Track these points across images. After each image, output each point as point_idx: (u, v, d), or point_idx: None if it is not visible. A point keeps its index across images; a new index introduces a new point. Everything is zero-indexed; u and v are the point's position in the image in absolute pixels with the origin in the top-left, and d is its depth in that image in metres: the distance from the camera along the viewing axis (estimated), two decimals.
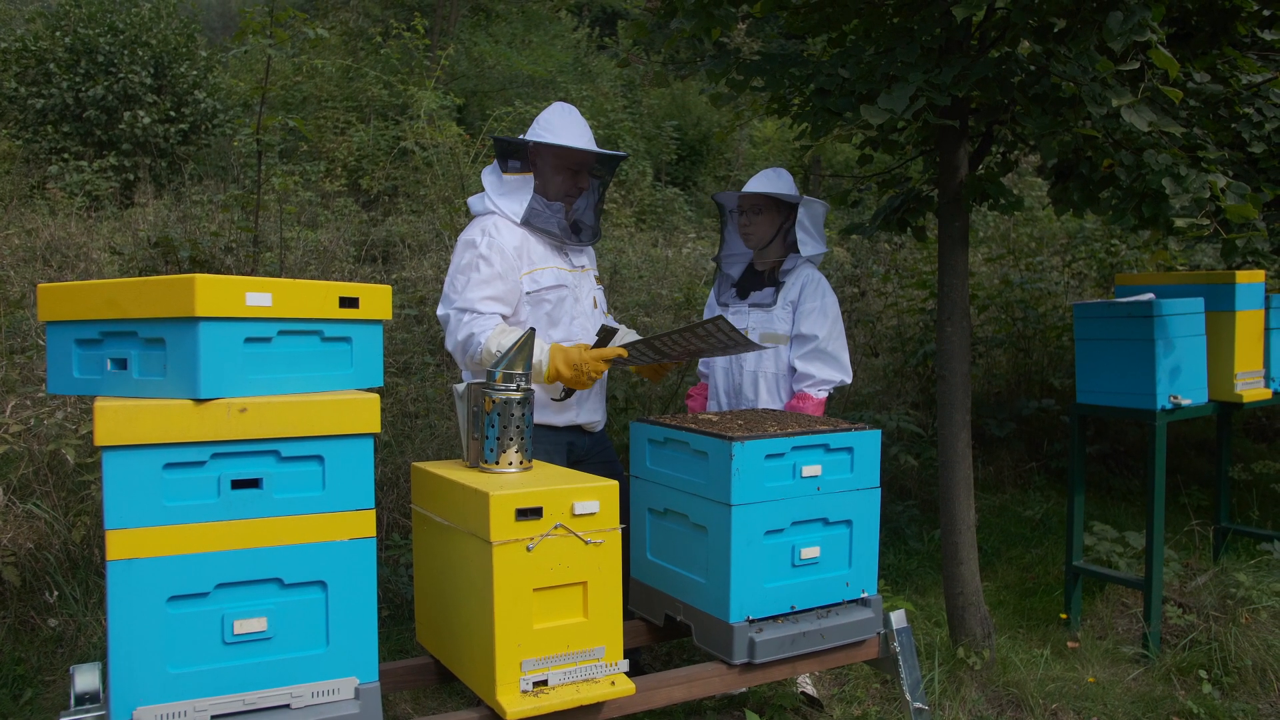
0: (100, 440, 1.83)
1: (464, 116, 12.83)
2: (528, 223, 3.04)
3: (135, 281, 1.97)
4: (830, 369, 3.40)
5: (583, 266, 3.22)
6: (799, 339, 3.42)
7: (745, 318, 3.49)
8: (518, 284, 2.99)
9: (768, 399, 3.45)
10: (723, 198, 3.69)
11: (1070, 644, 3.89)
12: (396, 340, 5.79)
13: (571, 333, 3.10)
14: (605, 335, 2.99)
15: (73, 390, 2.10)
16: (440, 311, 3.01)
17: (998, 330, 6.94)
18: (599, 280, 3.33)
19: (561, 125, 3.09)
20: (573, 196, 3.16)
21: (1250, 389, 4.10)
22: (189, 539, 1.91)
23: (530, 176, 3.07)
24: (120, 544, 1.85)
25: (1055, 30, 3.19)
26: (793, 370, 3.44)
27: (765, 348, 3.24)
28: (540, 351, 2.86)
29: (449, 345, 2.99)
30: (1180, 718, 3.33)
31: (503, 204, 3.05)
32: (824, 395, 3.40)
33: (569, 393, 3.07)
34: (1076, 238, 7.69)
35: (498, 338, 2.83)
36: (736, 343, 2.89)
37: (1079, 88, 2.97)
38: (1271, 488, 5.69)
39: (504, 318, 2.97)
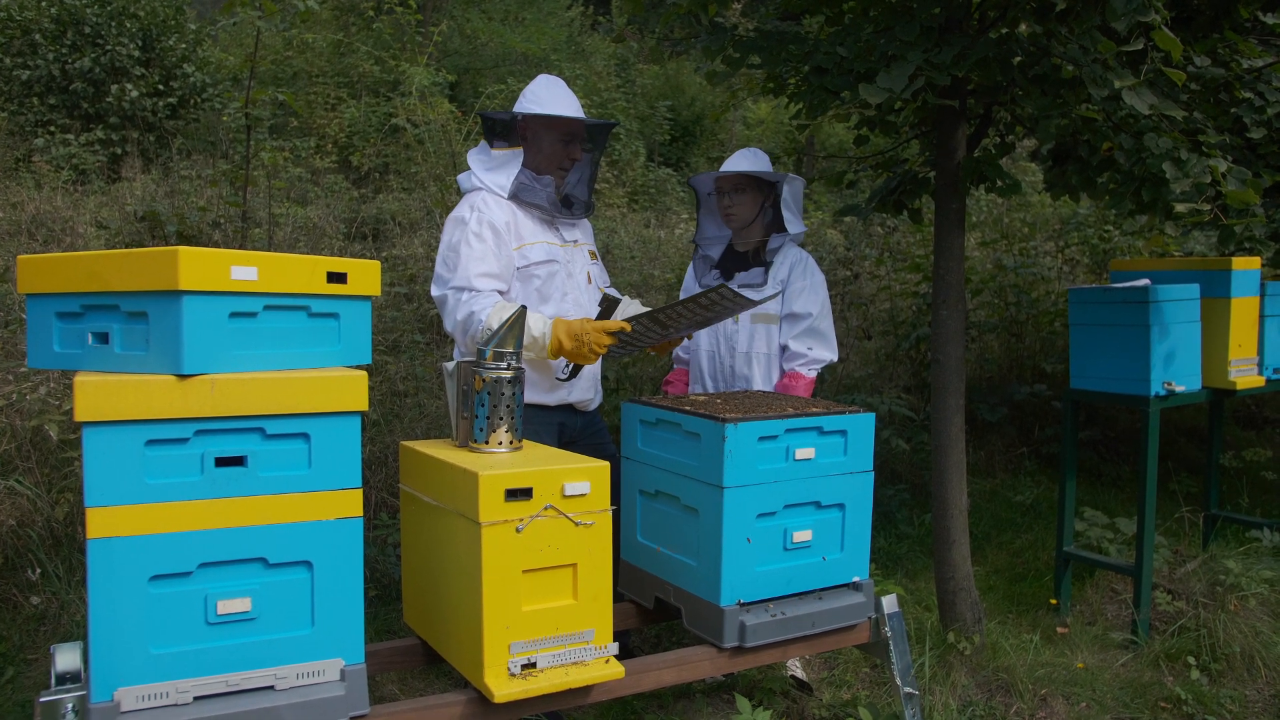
0: (80, 416, 1.79)
1: (456, 94, 12.72)
2: (515, 197, 2.97)
3: (117, 253, 1.92)
4: (822, 348, 3.42)
5: (575, 241, 3.15)
6: (791, 318, 3.41)
7: None
8: (511, 259, 2.94)
9: (762, 380, 3.43)
10: (698, 181, 3.65)
11: (1060, 629, 3.89)
12: (386, 318, 5.74)
13: (563, 309, 3.03)
14: (609, 305, 2.89)
15: (53, 364, 2.05)
16: (436, 292, 2.93)
17: (990, 315, 6.93)
18: (594, 255, 3.25)
19: (549, 96, 3.03)
20: (565, 169, 3.10)
21: (1244, 376, 4.09)
22: (171, 517, 1.87)
23: (519, 151, 3.00)
24: (101, 522, 1.82)
25: (1056, 10, 3.15)
26: (783, 350, 3.43)
27: (764, 301, 3.02)
28: (543, 325, 2.80)
29: (448, 326, 2.92)
30: (1168, 704, 3.33)
31: (489, 179, 2.99)
32: (814, 374, 3.41)
33: (575, 370, 3.00)
34: (1069, 223, 7.67)
35: (498, 314, 2.76)
36: (741, 306, 2.81)
37: (1080, 69, 2.93)
38: (1261, 475, 5.70)
39: (501, 294, 2.93)
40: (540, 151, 3.06)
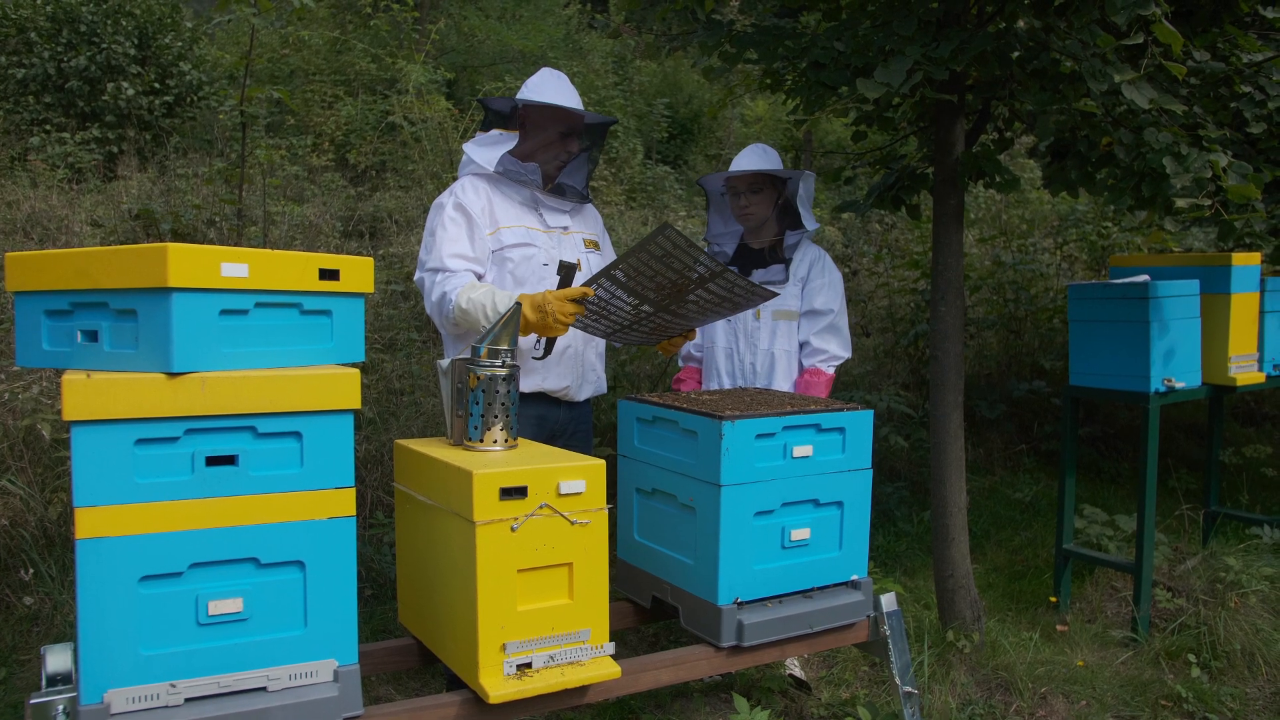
0: (69, 414, 1.76)
1: (453, 91, 12.67)
2: (500, 172, 2.93)
3: (106, 250, 1.90)
4: (840, 345, 3.43)
5: (565, 228, 3.08)
6: (812, 314, 3.40)
7: None
8: (486, 242, 2.92)
9: (784, 378, 3.41)
10: (708, 181, 3.61)
11: (1059, 627, 3.88)
12: (383, 316, 5.72)
13: None
14: (566, 272, 2.74)
15: (42, 363, 2.03)
16: (416, 276, 2.96)
17: (989, 311, 6.92)
18: (593, 245, 3.15)
19: (550, 86, 3.01)
20: (560, 162, 3.05)
21: (1244, 372, 4.08)
22: (162, 517, 1.85)
23: (514, 135, 2.97)
24: (90, 522, 1.79)
25: (1055, 4, 3.13)
26: (801, 346, 3.43)
27: (760, 290, 2.82)
28: (508, 301, 2.73)
29: (427, 308, 2.94)
30: (1169, 701, 3.32)
31: (478, 154, 2.96)
32: (834, 370, 3.41)
33: (549, 346, 2.92)
34: (1067, 220, 7.66)
35: (467, 292, 2.75)
36: (712, 272, 2.65)
37: (1079, 63, 2.91)
38: (1261, 472, 5.69)
39: (477, 276, 2.90)
40: (536, 141, 3.01)
